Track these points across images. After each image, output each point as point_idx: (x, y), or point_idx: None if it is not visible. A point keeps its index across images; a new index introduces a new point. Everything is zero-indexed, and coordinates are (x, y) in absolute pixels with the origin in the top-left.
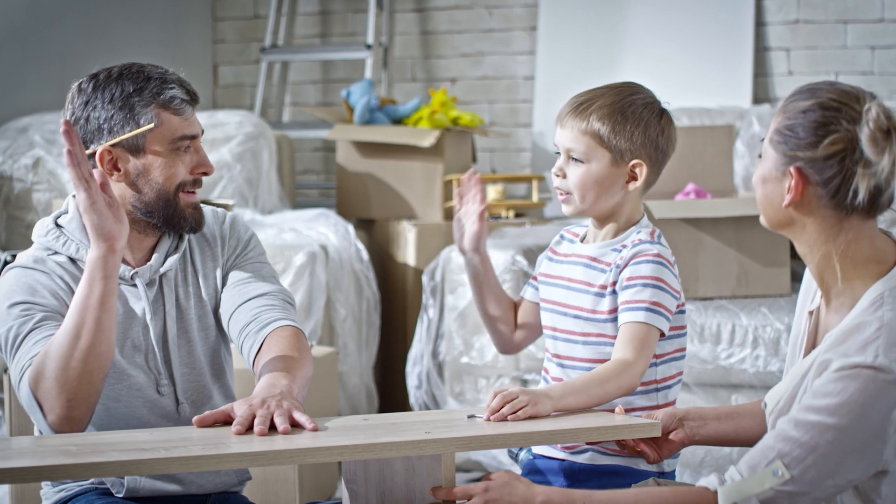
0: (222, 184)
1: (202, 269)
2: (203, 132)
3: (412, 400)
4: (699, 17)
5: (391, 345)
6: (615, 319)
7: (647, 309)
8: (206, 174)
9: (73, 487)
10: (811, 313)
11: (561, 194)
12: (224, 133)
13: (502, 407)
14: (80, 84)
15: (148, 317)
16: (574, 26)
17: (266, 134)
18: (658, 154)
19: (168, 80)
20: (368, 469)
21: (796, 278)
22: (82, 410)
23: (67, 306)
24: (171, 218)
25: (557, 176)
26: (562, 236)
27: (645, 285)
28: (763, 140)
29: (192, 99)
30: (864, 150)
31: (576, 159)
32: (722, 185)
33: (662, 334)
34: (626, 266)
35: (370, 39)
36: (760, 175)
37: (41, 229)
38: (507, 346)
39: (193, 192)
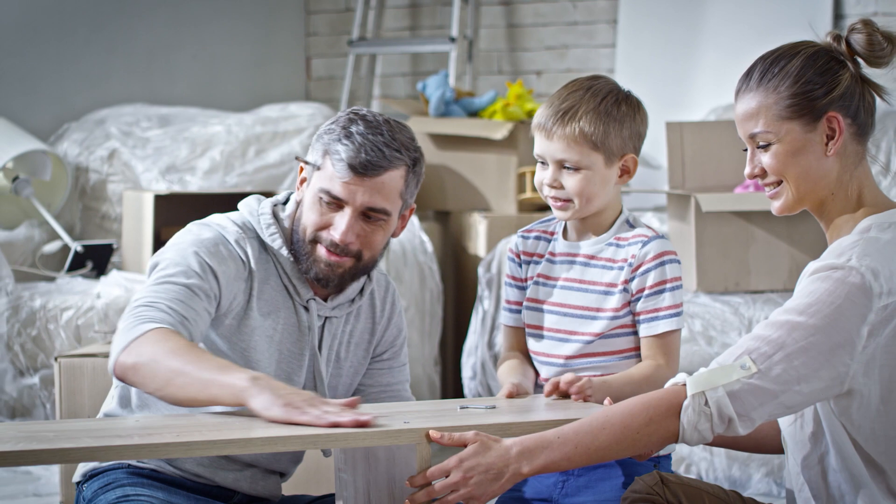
0: (292, 175)
1: (359, 334)
2: (370, 207)
3: (466, 391)
4: (777, 10)
5: (463, 336)
6: (625, 315)
7: (673, 315)
8: (334, 240)
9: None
10: None
11: (557, 201)
12: (295, 125)
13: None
14: None
15: (313, 341)
16: (653, 19)
17: None
18: (641, 142)
19: (352, 137)
20: (356, 458)
21: None
22: (133, 383)
23: (219, 288)
24: (300, 257)
25: (554, 187)
26: (528, 237)
27: (673, 289)
28: (754, 136)
29: (359, 169)
30: (863, 69)
31: (570, 168)
32: None
33: None
34: (642, 265)
35: (454, 32)
36: (784, 153)
37: (255, 208)
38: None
39: (332, 253)
